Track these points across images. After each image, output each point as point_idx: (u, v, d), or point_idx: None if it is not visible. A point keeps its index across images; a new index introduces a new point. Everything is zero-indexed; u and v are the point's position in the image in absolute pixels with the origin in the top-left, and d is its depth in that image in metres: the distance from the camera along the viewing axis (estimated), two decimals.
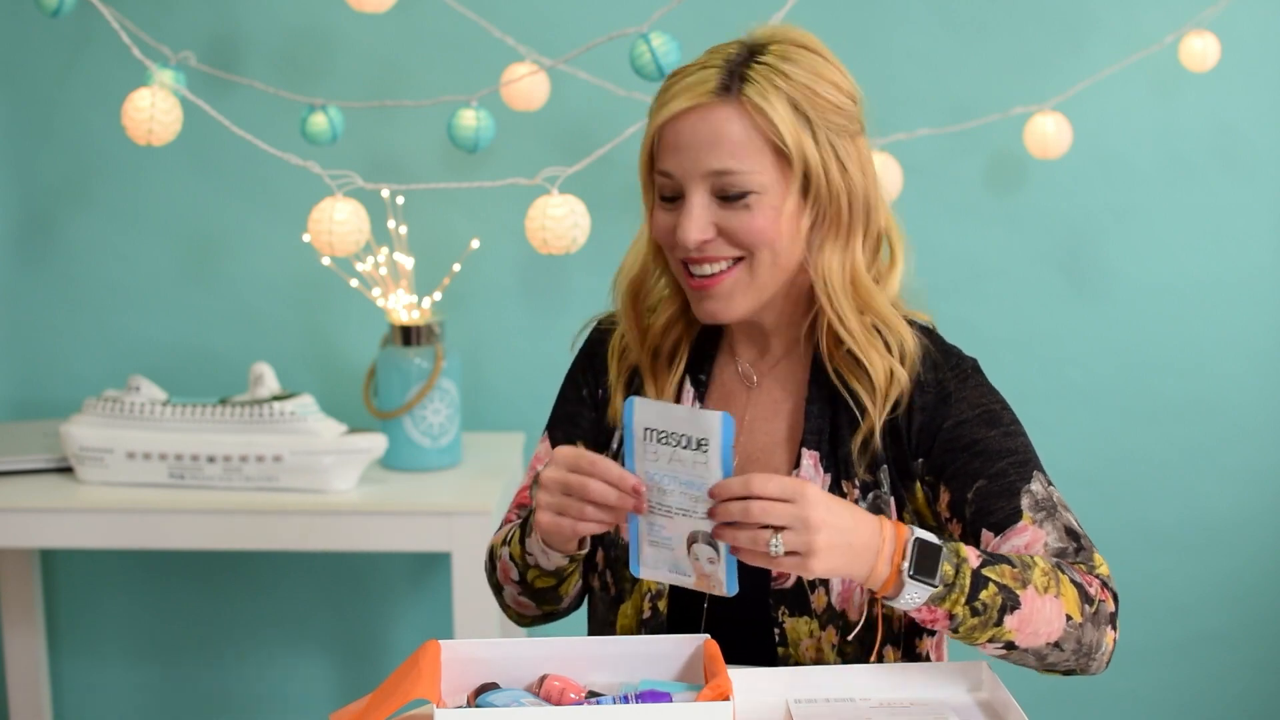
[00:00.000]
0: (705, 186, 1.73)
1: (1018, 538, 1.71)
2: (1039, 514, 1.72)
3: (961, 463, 1.75)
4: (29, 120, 3.10)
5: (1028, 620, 1.62)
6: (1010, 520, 1.71)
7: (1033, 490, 1.73)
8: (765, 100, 1.71)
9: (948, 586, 1.59)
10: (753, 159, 1.72)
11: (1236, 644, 3.21)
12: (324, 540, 2.75)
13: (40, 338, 3.16)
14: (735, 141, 1.72)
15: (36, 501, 2.75)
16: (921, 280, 1.89)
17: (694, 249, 1.73)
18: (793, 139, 1.72)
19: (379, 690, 1.60)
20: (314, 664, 3.27)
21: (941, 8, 3.02)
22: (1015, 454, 1.75)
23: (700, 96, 1.72)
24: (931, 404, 1.77)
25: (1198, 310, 3.10)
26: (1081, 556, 1.72)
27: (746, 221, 1.73)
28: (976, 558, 1.62)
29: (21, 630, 3.16)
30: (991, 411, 1.78)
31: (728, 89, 1.72)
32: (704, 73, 1.73)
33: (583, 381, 1.94)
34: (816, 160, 1.73)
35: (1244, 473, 3.16)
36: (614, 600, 1.86)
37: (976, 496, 1.73)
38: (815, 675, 1.65)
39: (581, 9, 3.00)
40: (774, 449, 1.83)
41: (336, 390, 3.12)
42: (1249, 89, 3.03)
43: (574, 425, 1.93)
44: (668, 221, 1.76)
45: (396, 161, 3.07)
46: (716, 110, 1.72)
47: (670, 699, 1.54)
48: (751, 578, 1.77)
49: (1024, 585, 1.62)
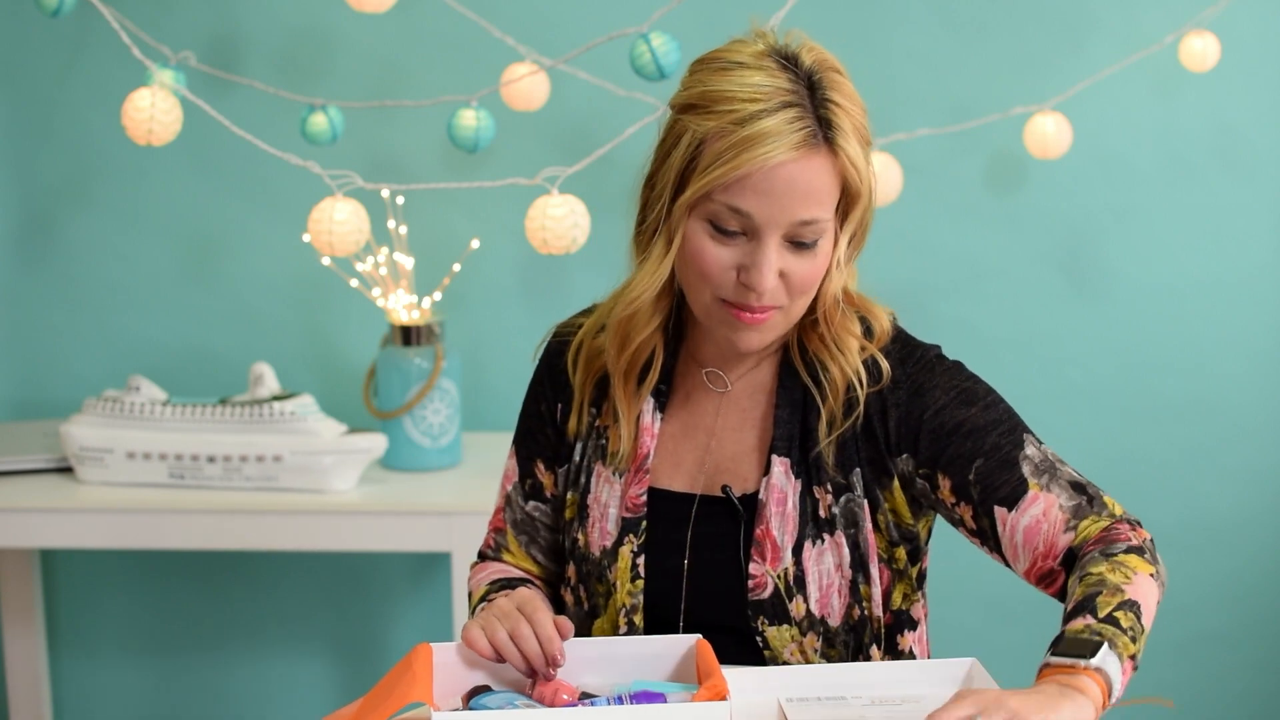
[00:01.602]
0: (782, 233, 1.68)
1: (1033, 508, 1.70)
2: (1042, 478, 1.72)
3: (954, 447, 1.74)
4: (29, 120, 3.10)
5: (1149, 608, 1.59)
6: (1019, 492, 1.71)
7: (1029, 455, 1.73)
8: (851, 148, 1.68)
9: (1102, 637, 1.52)
10: (830, 206, 1.70)
11: (1236, 644, 3.21)
12: (324, 540, 2.75)
13: (40, 338, 3.16)
14: (824, 192, 1.68)
15: (36, 501, 2.75)
16: (922, 280, 1.89)
17: (759, 296, 1.69)
18: (865, 178, 1.71)
19: (371, 695, 1.59)
20: (314, 664, 3.27)
21: (941, 8, 3.02)
22: (1001, 424, 1.75)
23: (798, 149, 1.65)
24: (905, 399, 1.76)
25: (1198, 310, 3.10)
26: (1095, 506, 1.71)
27: (810, 267, 1.70)
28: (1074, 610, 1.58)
29: (21, 630, 3.16)
30: (966, 390, 1.77)
31: (816, 135, 1.67)
32: (788, 114, 1.66)
33: (541, 395, 1.91)
34: (870, 197, 1.73)
35: (1244, 473, 3.16)
36: (588, 614, 1.85)
37: (978, 476, 1.73)
38: (807, 674, 1.65)
39: (581, 9, 3.00)
40: (743, 457, 1.81)
41: (336, 390, 3.12)
42: (1249, 89, 3.03)
43: (534, 442, 1.91)
44: (725, 258, 1.69)
45: (396, 161, 3.07)
46: (812, 161, 1.67)
47: (664, 699, 1.54)
48: (727, 588, 1.77)
49: (1122, 589, 1.58)
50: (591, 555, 1.83)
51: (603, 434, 1.85)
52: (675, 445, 1.84)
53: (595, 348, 1.85)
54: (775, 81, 1.68)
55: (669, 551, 1.80)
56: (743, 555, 1.77)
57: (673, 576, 1.80)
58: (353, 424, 3.00)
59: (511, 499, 1.92)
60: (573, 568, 1.86)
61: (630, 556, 1.80)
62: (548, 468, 1.90)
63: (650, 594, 1.80)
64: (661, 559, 1.80)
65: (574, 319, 1.92)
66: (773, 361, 1.83)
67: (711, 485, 1.81)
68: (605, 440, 1.84)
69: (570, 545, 1.86)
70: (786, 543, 1.76)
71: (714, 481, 1.81)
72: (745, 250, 1.69)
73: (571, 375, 1.87)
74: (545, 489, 1.90)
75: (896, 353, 1.79)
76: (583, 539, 1.84)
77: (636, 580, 1.80)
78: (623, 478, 1.82)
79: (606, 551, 1.81)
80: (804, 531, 1.76)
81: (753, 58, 1.70)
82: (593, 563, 1.82)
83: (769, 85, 1.67)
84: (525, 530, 1.91)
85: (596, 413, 1.86)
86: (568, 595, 1.88)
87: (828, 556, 1.76)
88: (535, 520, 1.91)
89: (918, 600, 1.85)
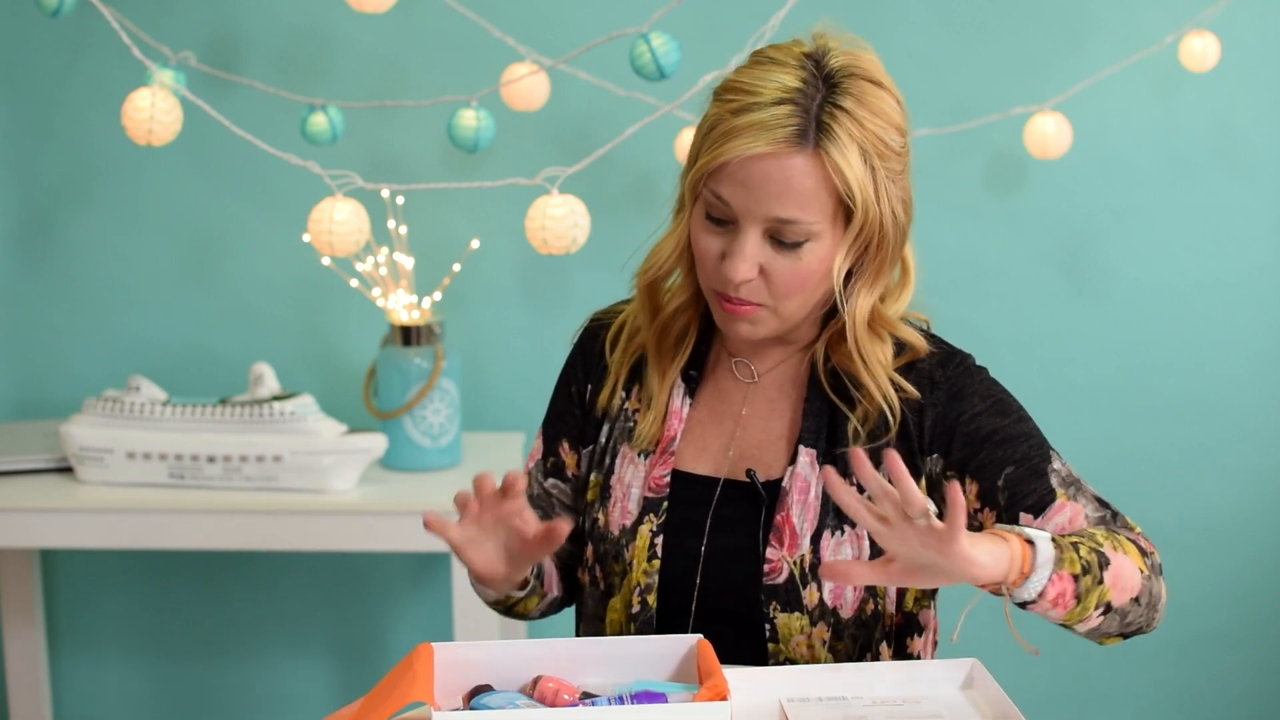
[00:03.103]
0: (762, 228, 1.70)
1: (1059, 515, 1.73)
2: (1069, 489, 1.75)
3: (985, 453, 1.76)
4: (29, 120, 3.10)
5: (1118, 575, 1.63)
6: (1047, 500, 1.74)
7: (1056, 469, 1.76)
8: (842, 156, 1.67)
9: (1059, 548, 1.59)
10: (817, 210, 1.69)
11: (1236, 644, 3.21)
12: (324, 540, 2.75)
13: (40, 338, 3.16)
14: (804, 193, 1.68)
15: (36, 501, 2.75)
16: (922, 280, 1.89)
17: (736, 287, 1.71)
18: (860, 193, 1.69)
19: (372, 694, 1.59)
20: (314, 664, 3.27)
21: (941, 8, 3.02)
22: (1031, 437, 1.78)
23: (777, 145, 1.66)
24: (943, 400, 1.79)
25: (1198, 310, 3.10)
26: (1119, 522, 1.75)
27: (793, 268, 1.71)
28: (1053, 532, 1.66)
29: (21, 630, 3.16)
30: (1002, 401, 1.80)
31: (804, 135, 1.67)
32: (780, 111, 1.66)
33: (572, 378, 1.94)
34: (875, 212, 1.71)
35: (1244, 473, 3.16)
36: (604, 594, 1.87)
37: (1008, 483, 1.75)
38: (808, 674, 1.65)
39: (581, 9, 3.00)
40: (769, 445, 1.83)
41: (336, 390, 3.12)
42: (1249, 89, 3.03)
43: (562, 422, 1.94)
44: (713, 246, 1.73)
45: (396, 161, 3.07)
46: (792, 160, 1.67)
47: (665, 699, 1.54)
48: (743, 572, 1.78)
49: (1100, 544, 1.64)
50: (610, 534, 1.84)
51: (630, 418, 1.88)
52: (702, 430, 1.86)
53: (635, 326, 1.89)
54: (786, 79, 1.69)
55: (688, 533, 1.81)
56: (761, 540, 1.78)
57: (689, 558, 1.81)
58: (353, 424, 2.99)
59: (532, 475, 1.95)
60: (590, 548, 1.88)
61: (649, 535, 1.81)
62: (572, 447, 1.93)
63: (665, 574, 1.81)
64: (680, 540, 1.81)
65: (613, 306, 1.96)
66: (804, 356, 1.85)
67: (735, 470, 1.83)
68: (633, 424, 1.87)
69: (590, 525, 1.88)
70: (806, 530, 1.77)
71: (738, 467, 1.83)
72: (730, 240, 1.72)
73: (609, 354, 1.90)
74: (567, 468, 1.93)
75: (935, 357, 1.81)
76: (603, 518, 1.86)
77: (653, 560, 1.81)
78: (647, 459, 1.84)
79: (625, 530, 1.83)
80: (824, 521, 1.78)
81: (789, 57, 1.72)
82: (611, 541, 1.84)
83: (778, 82, 1.68)
84: (540, 505, 1.94)
85: (627, 396, 1.89)
86: (584, 575, 1.90)
87: (846, 548, 1.78)
88: (552, 497, 1.94)
89: (928, 606, 1.87)
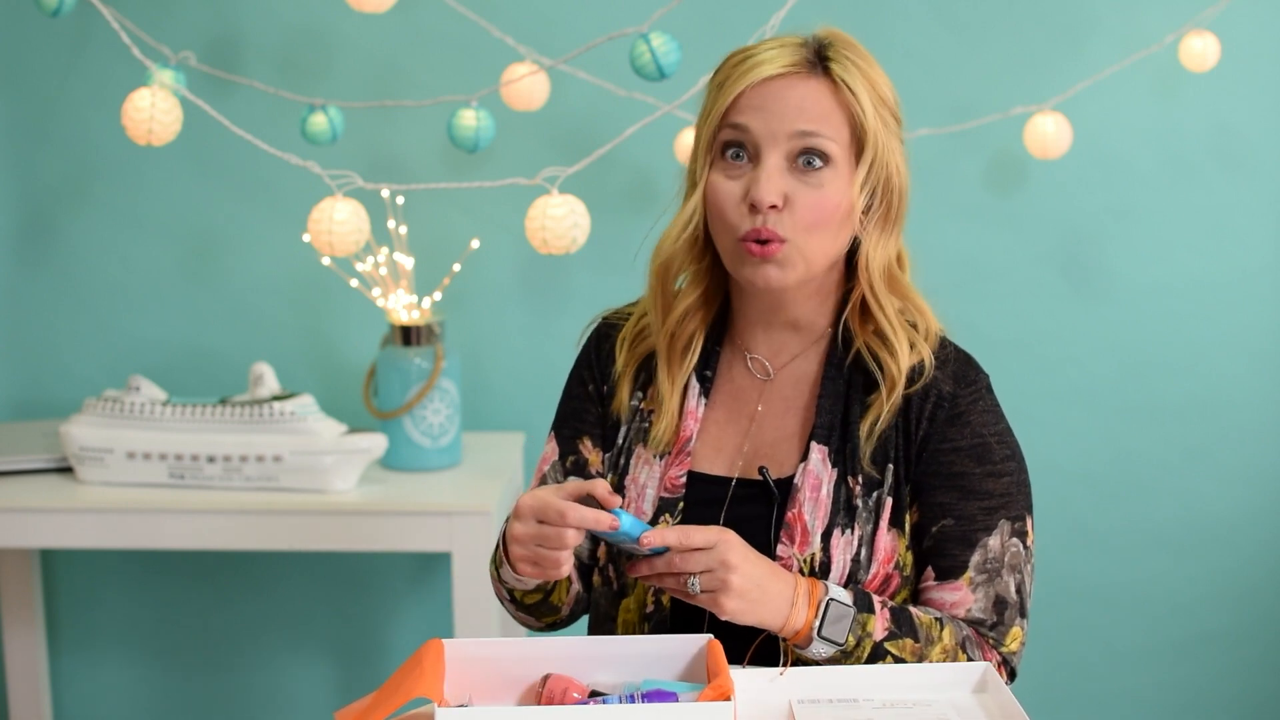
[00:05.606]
0: (784, 150, 1.76)
1: (949, 594, 1.78)
2: (980, 575, 1.78)
3: (939, 494, 1.80)
4: (29, 120, 3.09)
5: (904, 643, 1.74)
6: (954, 573, 1.78)
7: (989, 545, 1.79)
8: (852, 80, 1.77)
9: (845, 654, 1.70)
10: (833, 129, 1.76)
11: (1236, 644, 3.21)
12: (324, 540, 2.75)
13: (40, 338, 3.16)
14: (822, 110, 1.76)
15: (36, 501, 2.75)
16: (922, 280, 1.90)
17: (766, 210, 1.74)
18: (872, 118, 1.77)
19: (383, 689, 1.60)
20: (314, 664, 3.27)
21: (941, 8, 3.02)
22: (990, 498, 1.80)
23: (793, 66, 1.77)
24: (943, 419, 1.80)
25: (1198, 310, 3.10)
26: (996, 632, 1.79)
27: (817, 198, 1.76)
28: (884, 629, 1.72)
29: (21, 630, 3.16)
30: (986, 445, 1.81)
31: (813, 65, 1.78)
32: (787, 48, 1.78)
33: (587, 377, 1.94)
34: (884, 146, 1.79)
35: (1244, 473, 3.16)
36: (616, 594, 1.87)
37: (939, 535, 1.79)
38: (818, 675, 1.65)
39: (581, 9, 3.00)
40: (783, 443, 1.84)
41: (336, 390, 3.12)
42: (1249, 89, 3.03)
43: (580, 421, 1.93)
44: (734, 191, 1.78)
45: (396, 161, 3.07)
46: (808, 81, 1.77)
47: (676, 698, 1.54)
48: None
49: (919, 660, 1.72)
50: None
51: (645, 418, 1.89)
52: (718, 430, 1.87)
53: (646, 327, 1.90)
54: (786, 39, 1.81)
55: None
56: (772, 537, 1.79)
57: None
58: (353, 424, 2.99)
59: (547, 478, 1.94)
60: (604, 548, 1.88)
61: None
62: (594, 444, 1.92)
63: None
64: None
65: (623, 307, 1.97)
66: (818, 351, 1.86)
67: (749, 469, 1.84)
68: (648, 424, 1.88)
69: None
70: (817, 528, 1.78)
71: (751, 465, 1.84)
72: (751, 177, 1.77)
73: (619, 352, 1.91)
74: (589, 465, 1.92)
75: (954, 368, 1.83)
76: None
77: None
78: (663, 460, 1.85)
79: None
80: (834, 519, 1.79)
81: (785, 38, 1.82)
82: None
83: (779, 40, 1.81)
84: None
85: (642, 396, 1.90)
86: (597, 576, 1.90)
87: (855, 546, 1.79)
88: None
89: None
